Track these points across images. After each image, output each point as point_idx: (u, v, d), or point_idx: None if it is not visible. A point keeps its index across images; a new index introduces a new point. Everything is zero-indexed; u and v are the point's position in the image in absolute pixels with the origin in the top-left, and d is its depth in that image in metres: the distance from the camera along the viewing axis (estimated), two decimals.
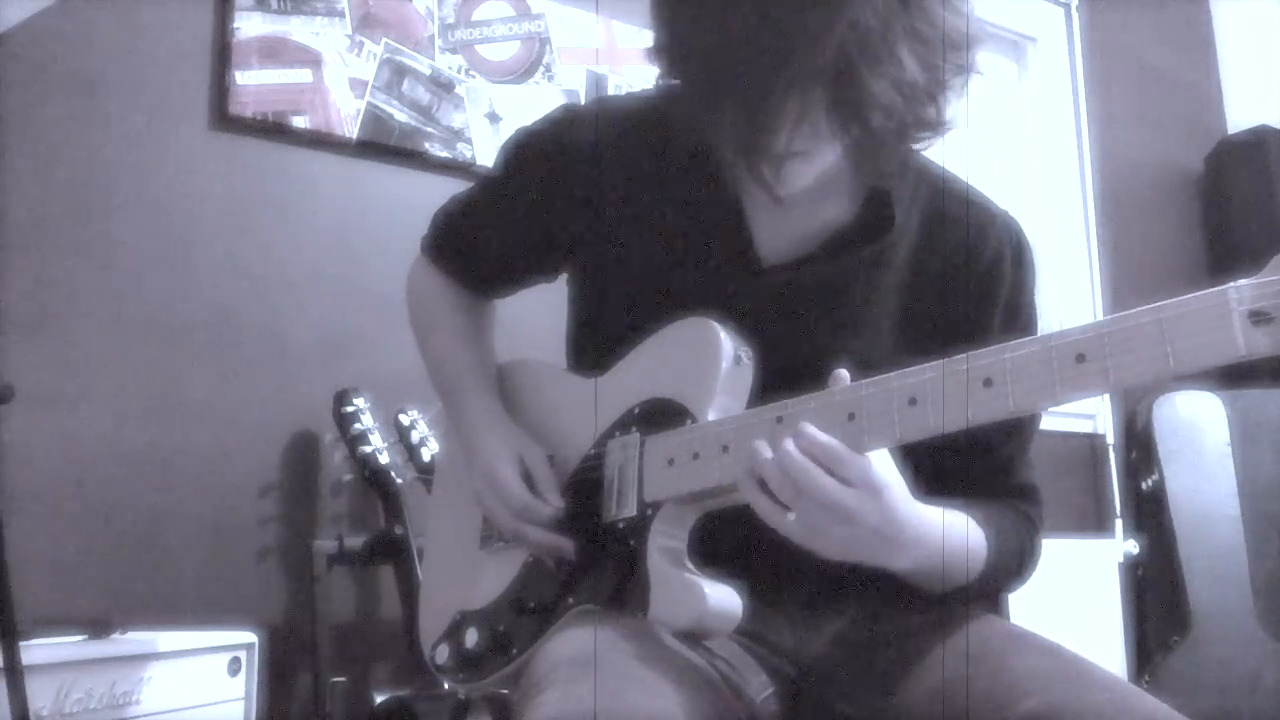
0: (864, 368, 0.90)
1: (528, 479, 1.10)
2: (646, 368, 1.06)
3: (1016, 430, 1.06)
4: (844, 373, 0.90)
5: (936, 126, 0.94)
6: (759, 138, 0.92)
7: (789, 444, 0.86)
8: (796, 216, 1.04)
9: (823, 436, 0.86)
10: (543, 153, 1.15)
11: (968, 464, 1.03)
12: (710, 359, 0.99)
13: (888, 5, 0.87)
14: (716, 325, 1.00)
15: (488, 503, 1.11)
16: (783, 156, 0.94)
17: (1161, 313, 0.74)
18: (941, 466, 0.96)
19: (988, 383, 0.81)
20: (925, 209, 1.07)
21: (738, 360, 1.00)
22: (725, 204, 1.06)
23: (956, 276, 1.06)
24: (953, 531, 0.97)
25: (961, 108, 0.96)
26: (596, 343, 1.13)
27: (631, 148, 1.10)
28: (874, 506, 0.86)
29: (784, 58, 0.87)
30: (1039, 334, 1.09)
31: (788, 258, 1.06)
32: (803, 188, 0.99)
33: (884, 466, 0.88)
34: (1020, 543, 1.06)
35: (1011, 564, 1.05)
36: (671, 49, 0.96)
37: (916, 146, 0.98)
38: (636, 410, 1.05)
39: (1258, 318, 0.70)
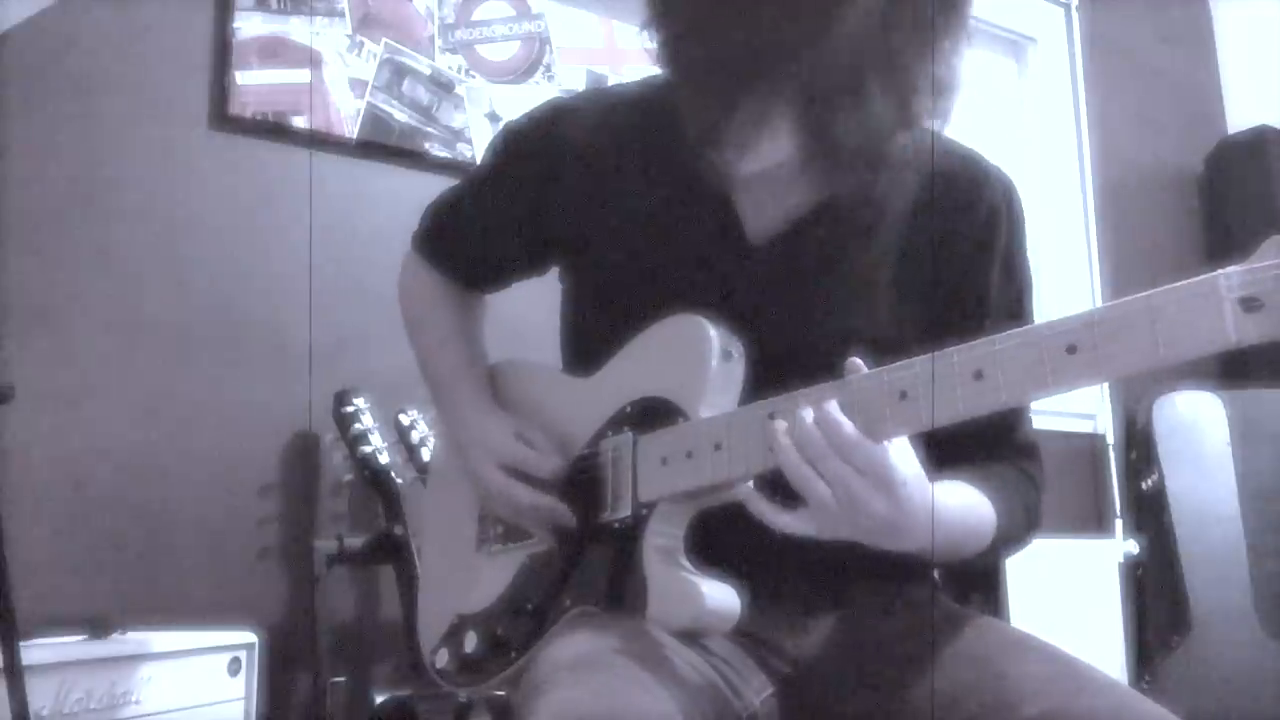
0: (860, 337, 0.90)
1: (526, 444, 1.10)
2: (636, 366, 1.06)
3: None
4: (858, 361, 0.88)
5: (897, 156, 0.96)
6: (714, 126, 0.95)
7: (808, 420, 0.85)
8: (781, 191, 1.03)
9: (837, 417, 0.85)
10: (530, 146, 1.15)
11: (968, 426, 1.02)
12: (700, 356, 0.99)
13: (863, 45, 0.88)
14: (705, 321, 1.00)
15: (479, 467, 1.10)
16: (740, 145, 0.98)
17: (1151, 300, 0.74)
18: (942, 431, 0.96)
19: (978, 375, 0.81)
20: (917, 169, 1.06)
21: (727, 356, 0.99)
22: (710, 185, 1.05)
23: (954, 237, 1.06)
24: (967, 514, 0.97)
25: (956, 115, 0.97)
26: (590, 339, 1.13)
27: (617, 137, 1.10)
28: (884, 498, 0.85)
29: (752, 76, 0.90)
30: (1034, 292, 1.10)
31: (774, 233, 1.05)
32: (780, 161, 0.99)
33: (901, 457, 0.87)
34: (1025, 506, 1.06)
35: (1017, 530, 1.04)
36: (658, 32, 0.99)
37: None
38: (628, 409, 1.04)
39: (1248, 304, 0.70)
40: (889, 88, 0.91)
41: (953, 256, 1.05)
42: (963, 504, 0.97)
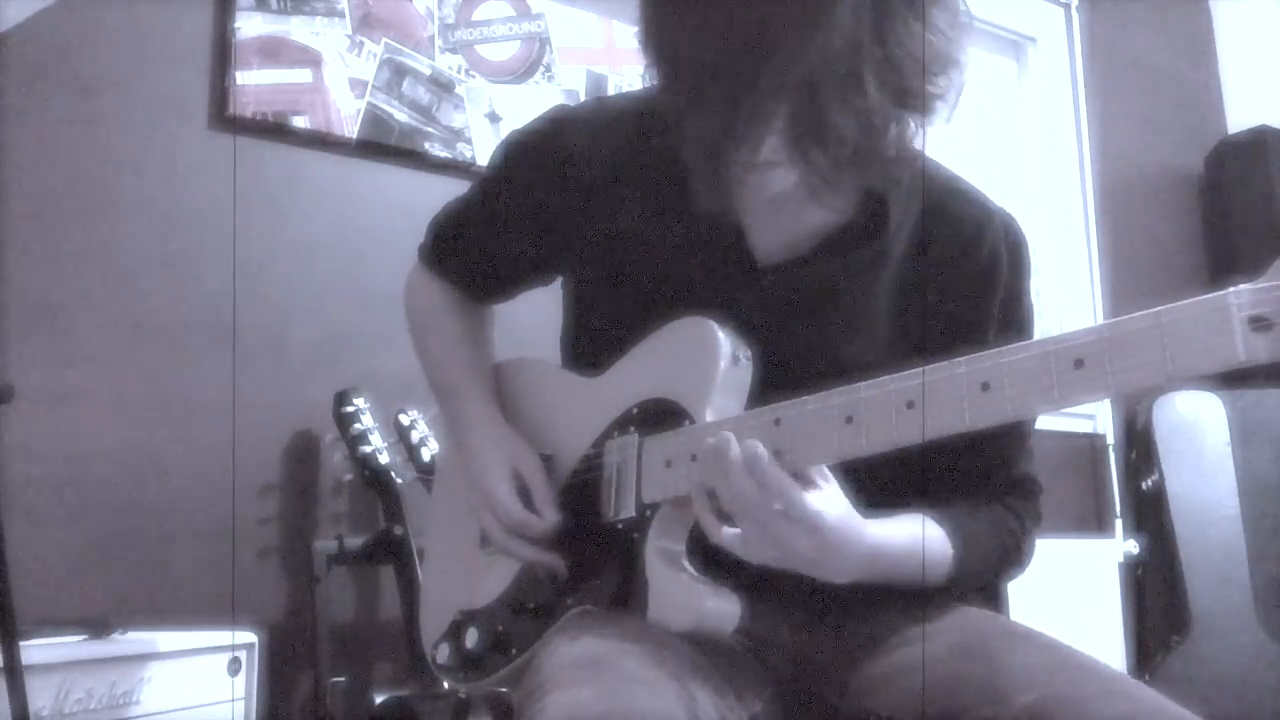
0: (861, 367, 0.89)
1: (524, 491, 1.10)
2: (644, 367, 1.06)
3: (1014, 425, 1.06)
4: None
5: (895, 158, 0.93)
6: (721, 147, 0.94)
7: (739, 460, 0.87)
8: (791, 216, 1.03)
9: (763, 459, 0.87)
10: (535, 156, 1.14)
11: (965, 459, 1.02)
12: (708, 359, 0.99)
13: (858, 31, 0.87)
14: (714, 324, 1.00)
15: (483, 518, 1.12)
16: (749, 165, 0.95)
17: (1161, 317, 0.73)
18: (937, 462, 0.96)
19: (985, 387, 0.81)
20: (921, 206, 1.07)
21: (735, 360, 0.99)
22: (719, 204, 1.05)
23: (954, 275, 1.06)
24: (914, 550, 0.98)
25: (956, 113, 0.96)
26: (593, 342, 1.13)
27: (624, 147, 1.09)
28: (808, 541, 0.88)
29: (752, 76, 0.89)
30: (1034, 332, 1.10)
31: (783, 258, 1.05)
32: (790, 186, 0.98)
33: (827, 500, 0.89)
34: (1001, 542, 1.06)
35: (987, 565, 1.05)
36: (651, 45, 0.96)
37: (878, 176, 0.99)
38: (635, 410, 1.05)
39: (1258, 323, 0.69)
40: (885, 74, 0.89)
41: (953, 296, 1.05)
42: (906, 542, 0.98)
